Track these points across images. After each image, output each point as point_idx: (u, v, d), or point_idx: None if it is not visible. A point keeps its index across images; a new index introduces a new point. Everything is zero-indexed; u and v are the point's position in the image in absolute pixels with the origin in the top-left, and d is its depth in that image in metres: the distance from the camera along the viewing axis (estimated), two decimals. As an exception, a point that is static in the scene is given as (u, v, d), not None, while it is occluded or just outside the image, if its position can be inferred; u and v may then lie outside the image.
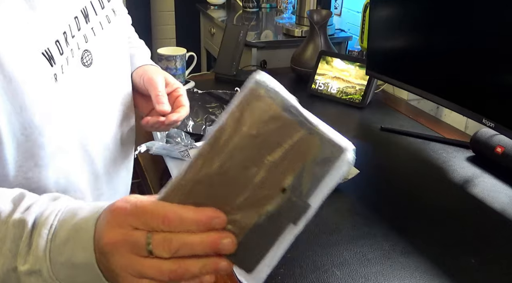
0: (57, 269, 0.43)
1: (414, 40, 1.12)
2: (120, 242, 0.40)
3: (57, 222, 0.44)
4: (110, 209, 0.42)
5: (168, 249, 0.39)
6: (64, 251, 0.43)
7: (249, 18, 2.31)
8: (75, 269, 0.43)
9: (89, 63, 0.61)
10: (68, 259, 0.43)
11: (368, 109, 1.34)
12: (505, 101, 0.89)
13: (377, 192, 0.93)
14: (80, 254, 0.42)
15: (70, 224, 0.44)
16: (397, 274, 0.70)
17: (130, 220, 0.40)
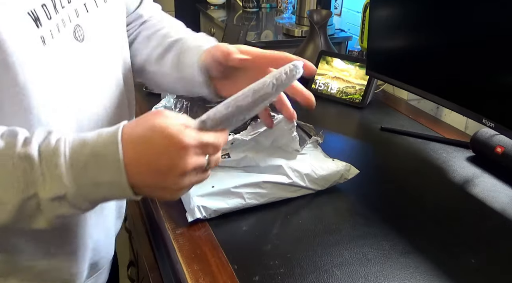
0: (83, 190, 0.49)
1: (414, 40, 1.12)
2: (193, 168, 0.51)
3: (69, 150, 0.49)
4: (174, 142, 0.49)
5: (216, 164, 0.56)
6: (87, 173, 0.49)
7: (249, 18, 2.31)
8: (99, 187, 0.49)
9: (81, 38, 0.61)
10: (92, 179, 0.49)
11: (368, 109, 1.34)
12: (505, 101, 0.89)
13: (377, 192, 0.93)
14: (105, 175, 0.49)
15: (86, 150, 0.49)
16: (397, 274, 0.70)
17: (197, 150, 0.51)
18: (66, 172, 0.48)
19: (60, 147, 0.49)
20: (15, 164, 0.48)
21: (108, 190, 0.50)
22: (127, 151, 0.49)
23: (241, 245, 0.76)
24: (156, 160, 0.50)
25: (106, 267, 0.78)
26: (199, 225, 0.80)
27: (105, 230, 0.74)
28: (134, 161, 0.49)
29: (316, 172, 0.87)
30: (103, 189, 0.50)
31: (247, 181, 0.83)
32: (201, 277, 0.69)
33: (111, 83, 0.69)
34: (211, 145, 0.53)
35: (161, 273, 0.86)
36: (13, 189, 0.48)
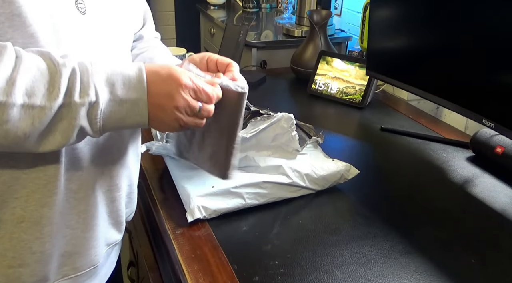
0: (107, 105, 0.56)
1: (414, 40, 1.12)
2: (186, 105, 0.61)
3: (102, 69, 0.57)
4: (174, 76, 0.60)
5: (208, 115, 0.64)
6: (114, 90, 0.57)
7: (249, 18, 2.31)
8: (123, 104, 0.57)
9: (84, 11, 0.62)
10: (119, 96, 0.57)
11: (368, 109, 1.34)
12: (505, 101, 0.89)
13: (377, 192, 0.93)
14: (130, 92, 0.58)
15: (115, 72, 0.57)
16: (397, 274, 0.70)
17: (192, 93, 0.61)
18: (100, 82, 0.56)
19: (94, 65, 0.56)
20: (59, 72, 0.53)
21: (128, 109, 0.58)
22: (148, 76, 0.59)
23: (241, 245, 0.76)
24: (160, 88, 0.59)
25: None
26: (199, 225, 0.80)
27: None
28: (149, 86, 0.59)
29: (316, 172, 0.87)
30: (124, 107, 0.58)
31: (247, 181, 0.83)
32: (201, 277, 0.69)
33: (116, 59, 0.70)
34: (205, 93, 0.62)
35: (161, 273, 0.86)
36: (53, 94, 0.52)
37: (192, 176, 0.86)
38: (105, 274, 0.79)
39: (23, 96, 0.51)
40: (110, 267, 0.81)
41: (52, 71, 0.53)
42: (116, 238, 0.78)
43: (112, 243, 0.77)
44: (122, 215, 0.77)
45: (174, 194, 0.87)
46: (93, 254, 0.71)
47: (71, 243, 0.67)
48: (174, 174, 0.90)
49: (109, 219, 0.74)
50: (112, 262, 0.82)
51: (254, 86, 1.48)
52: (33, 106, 0.51)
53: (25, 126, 0.52)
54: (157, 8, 2.87)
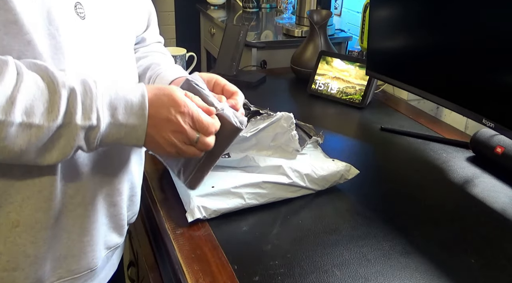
0: (106, 129, 0.57)
1: (414, 40, 1.12)
2: (182, 132, 0.61)
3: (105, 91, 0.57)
4: (179, 109, 0.61)
5: (205, 148, 0.65)
6: (115, 114, 0.57)
7: (249, 18, 2.31)
8: (121, 128, 0.58)
9: (83, 16, 0.62)
10: (119, 120, 0.57)
11: (368, 109, 1.34)
12: (505, 101, 0.89)
13: (377, 192, 0.93)
14: (131, 118, 0.58)
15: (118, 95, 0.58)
16: (397, 274, 0.70)
17: (191, 122, 0.62)
18: (102, 107, 0.56)
19: (98, 86, 0.56)
20: (58, 92, 0.53)
21: (126, 133, 0.59)
22: (149, 101, 0.60)
23: (241, 245, 0.76)
24: (159, 112, 0.60)
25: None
26: (199, 225, 0.80)
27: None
28: (150, 111, 0.60)
29: (316, 172, 0.87)
30: (122, 130, 0.58)
31: (247, 181, 0.83)
32: (201, 277, 0.69)
33: (117, 65, 0.70)
34: (202, 124, 0.63)
35: (161, 273, 0.86)
36: (51, 115, 0.53)
37: (192, 176, 0.86)
38: (104, 277, 0.78)
39: (21, 115, 0.51)
40: (110, 270, 0.80)
41: (52, 91, 0.53)
42: (117, 241, 0.77)
43: (112, 246, 0.76)
44: (124, 218, 0.76)
45: (174, 194, 0.87)
46: (91, 257, 0.70)
47: (66, 246, 0.67)
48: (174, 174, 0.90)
49: (110, 223, 0.73)
50: (113, 264, 0.81)
51: (254, 86, 1.48)
52: (31, 125, 0.52)
53: (22, 143, 0.52)
54: (157, 8, 2.85)
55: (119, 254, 0.83)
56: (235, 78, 1.48)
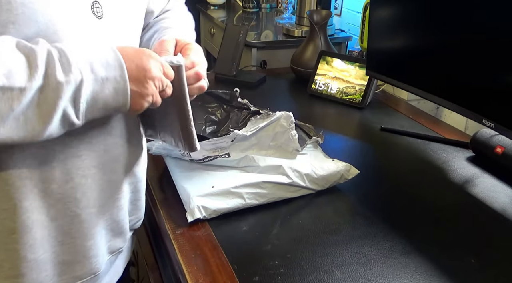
0: (89, 85, 0.54)
1: (414, 40, 1.12)
2: (159, 75, 0.61)
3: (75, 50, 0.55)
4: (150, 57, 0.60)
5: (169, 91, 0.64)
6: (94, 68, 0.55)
7: (249, 18, 2.31)
8: (105, 83, 0.56)
9: (100, 15, 0.62)
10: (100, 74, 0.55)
11: (368, 109, 1.34)
12: (505, 101, 0.89)
13: (377, 192, 0.93)
14: (110, 71, 0.56)
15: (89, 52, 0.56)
16: (397, 274, 0.70)
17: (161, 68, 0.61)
18: (80, 62, 0.54)
19: (69, 47, 0.55)
20: (34, 52, 0.51)
21: (110, 87, 0.56)
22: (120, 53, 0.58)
23: (241, 245, 0.76)
24: (134, 62, 0.58)
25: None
26: (199, 225, 0.80)
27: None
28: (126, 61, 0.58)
29: (316, 172, 0.87)
30: (106, 87, 0.56)
31: (247, 181, 0.83)
32: (201, 277, 0.69)
33: None
34: (170, 69, 0.63)
35: (161, 273, 0.86)
36: (31, 75, 0.51)
37: (192, 176, 0.86)
38: (108, 282, 0.78)
39: (1, 79, 0.49)
40: (114, 275, 0.80)
41: (28, 54, 0.51)
42: (120, 246, 0.77)
43: (115, 250, 0.76)
44: (126, 222, 0.76)
45: (174, 194, 0.87)
46: (94, 263, 0.70)
47: (70, 252, 0.67)
48: (174, 174, 0.90)
49: (112, 226, 0.73)
50: (117, 270, 0.81)
51: (254, 86, 1.48)
52: (12, 88, 0.49)
53: (4, 110, 0.49)
54: (157, 8, 2.86)
55: (123, 259, 0.82)
56: (235, 78, 1.48)
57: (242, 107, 1.05)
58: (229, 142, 0.86)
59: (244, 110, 1.05)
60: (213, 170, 0.88)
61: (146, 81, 0.59)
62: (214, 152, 0.87)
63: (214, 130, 1.05)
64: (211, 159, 0.87)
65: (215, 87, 1.43)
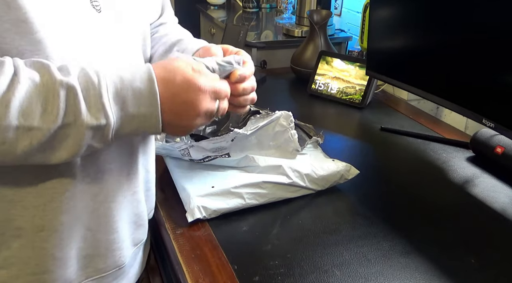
0: (118, 124, 0.54)
1: (414, 40, 1.12)
2: (208, 111, 0.59)
3: (110, 82, 0.54)
4: (192, 83, 0.57)
5: (223, 113, 0.63)
6: (125, 107, 0.54)
7: (249, 18, 2.31)
8: (134, 119, 0.55)
9: (99, 9, 0.61)
10: (131, 113, 0.54)
11: (368, 109, 1.34)
12: (505, 101, 0.89)
13: (377, 192, 0.93)
14: (142, 108, 0.55)
15: (124, 85, 0.54)
16: (397, 274, 0.70)
17: (212, 96, 0.59)
18: (109, 102, 0.53)
19: (101, 79, 0.53)
20: (56, 91, 0.51)
21: (140, 122, 0.56)
22: (159, 87, 0.56)
23: (241, 245, 0.76)
24: (177, 97, 0.56)
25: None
26: (199, 225, 0.80)
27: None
28: (163, 97, 0.56)
29: (316, 172, 0.87)
30: (136, 121, 0.55)
31: (247, 181, 0.83)
32: (201, 277, 0.69)
33: (130, 58, 0.69)
34: (223, 91, 0.61)
35: (161, 273, 0.86)
36: (51, 115, 0.51)
37: (192, 176, 0.87)
38: (134, 275, 0.78)
39: (18, 118, 0.49)
40: (139, 268, 0.80)
41: (50, 89, 0.51)
42: (142, 237, 0.78)
43: (138, 242, 0.77)
44: (145, 213, 0.77)
45: (174, 194, 0.87)
46: (118, 255, 0.71)
47: (93, 246, 0.67)
48: (174, 174, 0.90)
49: (133, 219, 0.74)
50: (141, 262, 0.81)
51: (254, 86, 1.48)
52: (30, 128, 0.50)
53: (23, 146, 0.51)
54: (157, 8, 2.86)
55: (146, 251, 0.83)
56: (235, 78, 1.48)
57: (242, 107, 1.05)
58: (229, 141, 0.86)
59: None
60: (213, 170, 0.88)
61: (190, 116, 0.58)
62: (214, 152, 0.87)
63: (214, 130, 1.05)
64: (211, 159, 0.87)
65: (215, 87, 1.43)
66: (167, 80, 0.56)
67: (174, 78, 0.57)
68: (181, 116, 0.58)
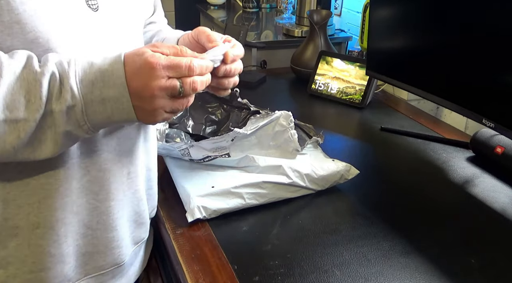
0: (89, 106, 0.54)
1: (414, 40, 1.12)
2: (162, 89, 0.55)
3: (79, 69, 0.54)
4: (146, 62, 0.54)
5: (194, 89, 0.57)
6: (94, 90, 0.54)
7: (249, 18, 2.31)
8: (106, 103, 0.54)
9: (96, 7, 0.62)
10: (99, 95, 0.54)
11: (368, 109, 1.34)
12: (505, 101, 0.89)
13: (377, 192, 0.93)
14: (111, 90, 0.54)
15: (93, 69, 0.54)
16: (397, 274, 0.70)
17: (167, 72, 0.55)
18: (76, 85, 0.53)
19: (71, 66, 0.54)
20: (38, 81, 0.52)
21: (113, 108, 0.55)
22: (127, 70, 0.55)
23: (241, 245, 0.76)
24: (137, 80, 0.55)
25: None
26: (199, 225, 0.80)
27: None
28: (129, 79, 0.55)
29: (316, 172, 0.87)
30: (108, 106, 0.55)
31: (247, 181, 0.83)
32: (201, 277, 0.69)
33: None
34: (184, 66, 0.56)
35: (161, 273, 0.86)
36: (34, 105, 0.51)
37: (192, 176, 0.87)
38: (133, 274, 0.78)
39: (3, 111, 0.50)
40: (140, 267, 0.81)
41: (31, 80, 0.52)
42: (143, 236, 0.78)
43: (139, 241, 0.77)
44: (146, 212, 0.77)
45: (174, 194, 0.87)
46: (117, 253, 0.71)
47: (92, 243, 0.68)
48: (174, 174, 0.90)
49: (133, 217, 0.74)
50: (142, 261, 0.81)
51: (254, 86, 1.48)
52: (17, 120, 0.51)
53: (12, 140, 0.51)
54: (157, 8, 2.86)
55: (147, 249, 0.83)
56: (235, 78, 1.48)
57: (242, 107, 1.05)
58: (229, 141, 0.86)
59: (244, 110, 1.05)
60: (213, 170, 0.88)
61: (148, 98, 0.55)
62: (214, 151, 0.87)
63: (214, 130, 1.05)
64: (211, 159, 0.87)
65: (215, 87, 1.43)
66: (132, 61, 0.55)
67: (137, 59, 0.55)
68: (143, 100, 0.55)
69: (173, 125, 1.02)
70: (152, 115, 0.57)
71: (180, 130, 1.03)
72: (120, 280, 0.74)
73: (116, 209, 0.69)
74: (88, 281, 0.70)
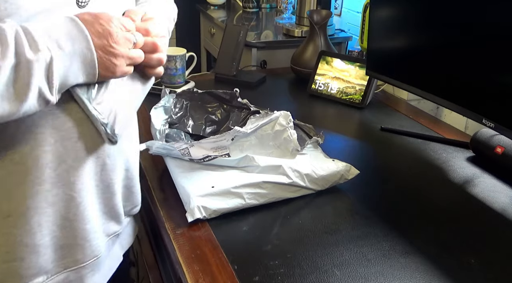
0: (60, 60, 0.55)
1: (414, 40, 1.12)
2: (123, 40, 0.61)
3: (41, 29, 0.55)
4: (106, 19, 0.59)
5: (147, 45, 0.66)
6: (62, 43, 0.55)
7: (249, 18, 2.31)
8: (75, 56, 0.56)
9: (85, 4, 0.62)
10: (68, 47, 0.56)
11: (368, 109, 1.34)
12: (505, 101, 0.89)
13: (377, 192, 0.93)
14: (78, 43, 0.57)
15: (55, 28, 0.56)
16: (397, 274, 0.70)
17: (121, 26, 0.61)
18: (46, 39, 0.54)
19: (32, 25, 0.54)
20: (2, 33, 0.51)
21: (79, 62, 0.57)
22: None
23: (241, 245, 0.76)
24: (93, 29, 0.58)
25: None
26: (199, 225, 0.80)
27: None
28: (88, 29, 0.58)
29: (316, 172, 0.87)
30: (76, 60, 0.56)
31: (247, 181, 0.83)
32: (201, 277, 0.69)
33: None
34: (131, 24, 0.63)
35: (161, 273, 0.86)
36: (4, 53, 0.51)
37: (192, 176, 0.86)
38: (109, 268, 0.78)
39: None
40: (114, 261, 0.81)
41: (1, 35, 0.51)
42: (115, 229, 0.78)
43: (111, 234, 0.77)
44: (120, 206, 0.76)
45: (174, 194, 0.87)
46: (94, 245, 0.71)
47: (70, 235, 0.67)
48: (174, 174, 0.90)
49: (105, 209, 0.74)
50: (116, 255, 0.81)
51: (254, 86, 1.48)
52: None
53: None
54: (157, 8, 2.86)
55: (121, 244, 0.83)
56: (235, 78, 1.48)
57: (242, 107, 1.05)
58: (230, 140, 0.86)
59: (244, 110, 1.05)
60: (213, 170, 0.88)
61: (111, 47, 0.59)
62: (214, 151, 0.87)
63: (214, 130, 1.05)
64: (211, 158, 0.87)
65: (215, 87, 1.43)
66: (83, 19, 0.58)
67: (86, 16, 0.59)
68: (104, 46, 0.59)
69: (173, 125, 1.03)
70: (114, 64, 0.60)
71: (180, 130, 1.03)
72: (98, 273, 0.74)
73: (90, 200, 0.69)
74: (68, 274, 0.70)
